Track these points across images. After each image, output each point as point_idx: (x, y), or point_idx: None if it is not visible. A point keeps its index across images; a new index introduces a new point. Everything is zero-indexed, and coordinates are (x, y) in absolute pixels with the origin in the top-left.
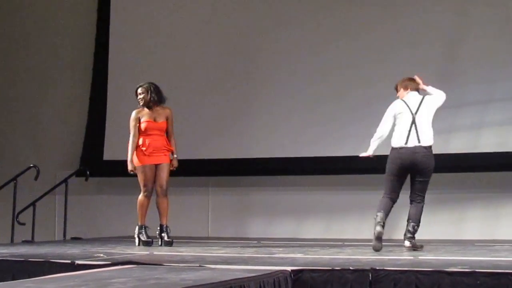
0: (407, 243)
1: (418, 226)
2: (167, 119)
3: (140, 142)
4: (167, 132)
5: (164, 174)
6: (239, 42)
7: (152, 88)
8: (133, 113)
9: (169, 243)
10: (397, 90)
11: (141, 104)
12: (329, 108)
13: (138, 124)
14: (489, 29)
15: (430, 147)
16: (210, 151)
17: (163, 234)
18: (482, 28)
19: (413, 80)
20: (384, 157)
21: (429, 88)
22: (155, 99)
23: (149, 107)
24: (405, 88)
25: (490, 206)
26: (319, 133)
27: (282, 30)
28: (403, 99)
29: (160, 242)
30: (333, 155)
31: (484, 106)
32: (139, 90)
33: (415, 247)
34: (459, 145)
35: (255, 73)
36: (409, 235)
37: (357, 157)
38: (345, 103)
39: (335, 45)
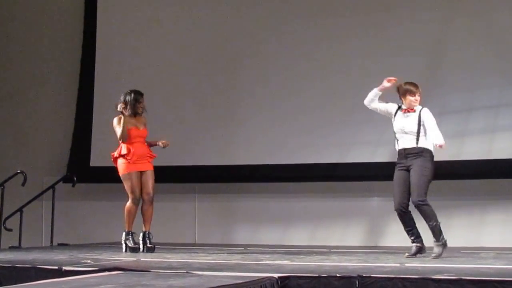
0: None
1: None
2: (145, 126)
3: (124, 151)
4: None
5: (150, 181)
6: (224, 50)
7: None
8: (116, 119)
9: (152, 249)
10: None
11: (139, 111)
12: (314, 115)
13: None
14: (472, 38)
15: None
16: (197, 158)
17: (146, 240)
18: (465, 37)
19: None
20: (367, 164)
21: None
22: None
23: (135, 115)
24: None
25: (474, 213)
26: (304, 140)
27: (267, 38)
28: None
29: (142, 248)
30: (319, 161)
31: (467, 114)
32: (142, 99)
33: None
34: (442, 152)
35: (241, 80)
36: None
37: (343, 163)
38: (330, 111)
39: (319, 53)
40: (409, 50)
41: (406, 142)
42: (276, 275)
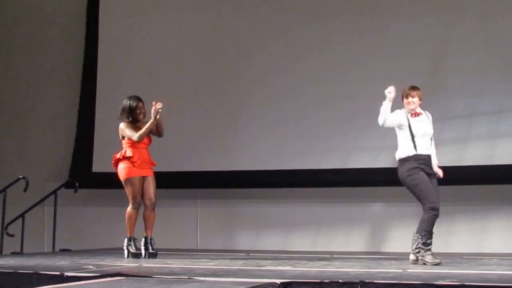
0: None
1: (418, 237)
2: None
3: (130, 153)
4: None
5: (152, 187)
6: (225, 54)
7: None
8: (124, 123)
9: (154, 255)
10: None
11: (140, 117)
12: (316, 120)
13: None
14: (475, 43)
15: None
16: (199, 164)
17: (148, 246)
18: (468, 42)
19: None
20: (370, 170)
21: None
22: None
23: (137, 122)
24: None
25: (477, 219)
26: (306, 145)
27: (268, 43)
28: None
29: (144, 254)
30: (321, 167)
31: (470, 119)
32: (141, 104)
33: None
34: (445, 158)
35: (242, 86)
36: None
37: (345, 169)
38: (332, 116)
39: (320, 58)
40: (411, 55)
41: (427, 147)
42: (278, 281)
